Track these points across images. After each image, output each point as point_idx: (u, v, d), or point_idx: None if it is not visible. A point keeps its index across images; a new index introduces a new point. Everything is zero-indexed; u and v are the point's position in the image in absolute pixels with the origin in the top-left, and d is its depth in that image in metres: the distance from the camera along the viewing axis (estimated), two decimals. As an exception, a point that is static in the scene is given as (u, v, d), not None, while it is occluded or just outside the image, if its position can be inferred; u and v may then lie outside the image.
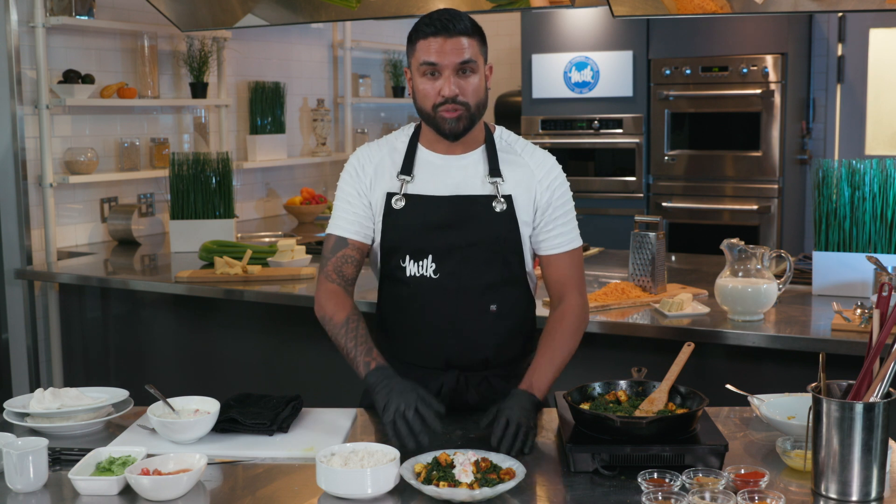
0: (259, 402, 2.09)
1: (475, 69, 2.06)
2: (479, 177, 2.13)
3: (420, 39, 2.06)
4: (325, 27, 5.79)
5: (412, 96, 2.13)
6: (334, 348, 2.12)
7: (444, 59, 2.03)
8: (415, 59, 2.08)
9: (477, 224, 2.10)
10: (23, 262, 4.10)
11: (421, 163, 2.15)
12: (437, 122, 2.07)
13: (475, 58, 2.06)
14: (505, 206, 2.10)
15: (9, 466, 1.73)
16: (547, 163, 2.17)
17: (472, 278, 2.11)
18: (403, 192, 2.12)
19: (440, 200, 2.11)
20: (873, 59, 5.56)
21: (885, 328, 1.67)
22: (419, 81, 2.08)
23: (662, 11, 3.12)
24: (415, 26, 2.08)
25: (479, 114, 2.10)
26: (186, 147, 4.92)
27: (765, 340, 2.63)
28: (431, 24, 2.04)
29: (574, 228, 2.20)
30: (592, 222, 5.34)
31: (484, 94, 2.09)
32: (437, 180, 2.13)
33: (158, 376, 3.80)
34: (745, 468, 1.71)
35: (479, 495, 1.64)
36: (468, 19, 2.07)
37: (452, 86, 2.03)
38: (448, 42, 2.03)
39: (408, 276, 2.13)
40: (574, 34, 5.48)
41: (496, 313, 2.13)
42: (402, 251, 2.13)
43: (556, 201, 2.15)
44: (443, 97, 2.04)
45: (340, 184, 2.19)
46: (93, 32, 4.36)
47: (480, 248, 2.10)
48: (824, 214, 2.99)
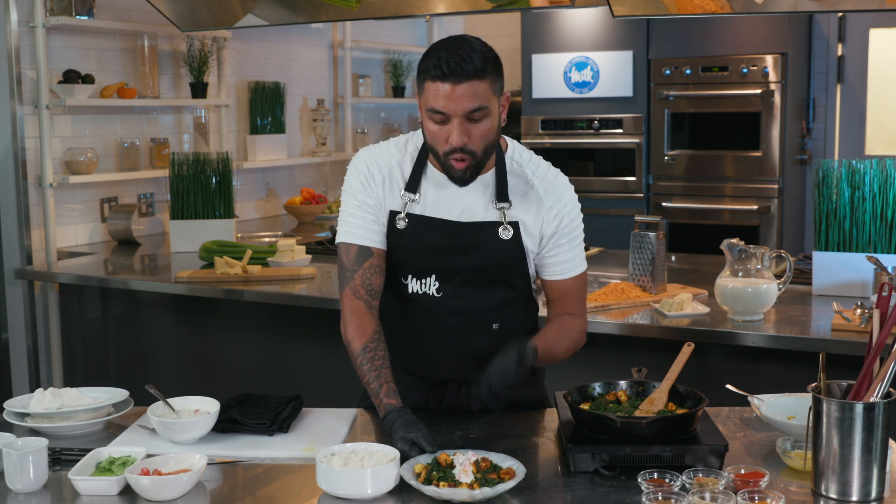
0: (259, 402, 2.09)
1: (486, 114, 1.94)
2: (487, 201, 2.05)
3: (427, 81, 1.93)
4: (325, 27, 5.79)
5: (421, 126, 2.02)
6: (334, 348, 2.12)
7: (451, 108, 1.91)
8: (423, 99, 1.96)
9: (482, 250, 2.05)
10: (23, 262, 4.10)
11: (428, 181, 2.07)
12: (445, 167, 2.00)
13: (486, 102, 1.93)
14: (511, 233, 2.04)
15: (9, 466, 1.73)
16: (558, 189, 2.08)
17: (476, 300, 2.07)
18: (407, 211, 2.05)
19: (445, 225, 2.05)
20: (873, 59, 5.57)
21: (885, 328, 1.67)
22: (428, 122, 1.97)
23: (662, 11, 3.12)
24: (425, 61, 1.94)
25: (488, 156, 2.01)
26: (186, 147, 4.92)
27: (765, 340, 2.63)
28: (439, 68, 1.90)
29: (580, 254, 2.12)
30: (592, 222, 5.30)
31: (494, 136, 1.99)
32: (442, 203, 2.05)
33: (158, 376, 3.80)
34: (745, 468, 1.71)
35: (479, 495, 1.64)
36: (480, 56, 1.91)
37: (461, 135, 1.93)
38: (457, 89, 1.90)
39: (410, 292, 2.09)
40: (574, 34, 5.48)
41: (498, 331, 2.10)
42: (405, 269, 2.09)
43: (564, 229, 2.08)
44: (451, 146, 1.94)
45: (350, 189, 2.09)
46: (93, 32, 4.36)
47: (485, 272, 2.06)
48: (824, 214, 2.99)
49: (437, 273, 2.06)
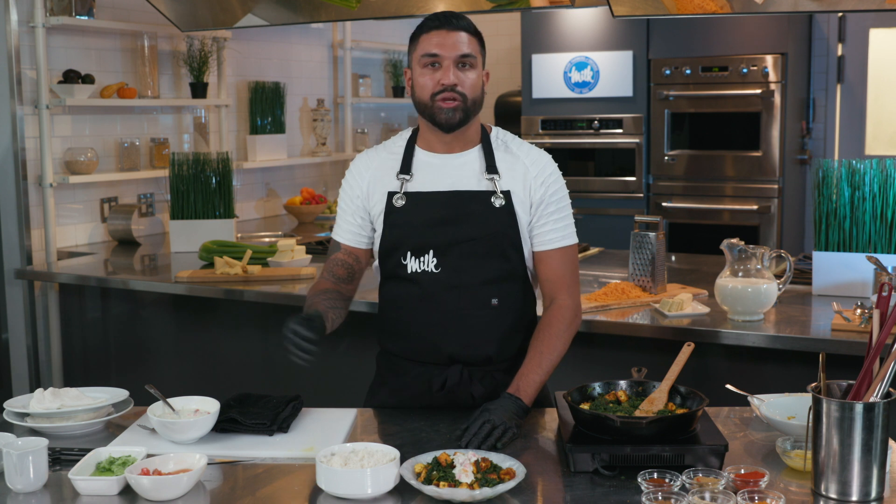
0: (259, 402, 2.09)
1: (474, 65, 2.13)
2: (477, 174, 2.17)
3: (423, 34, 2.13)
4: (325, 27, 5.79)
5: (411, 93, 2.18)
6: (334, 348, 2.12)
7: (445, 51, 2.10)
8: (416, 52, 2.14)
9: (476, 219, 2.14)
10: (23, 262, 4.10)
11: (419, 164, 2.20)
12: (433, 113, 2.13)
13: (475, 54, 2.13)
14: (503, 201, 2.14)
15: (9, 466, 1.73)
16: (542, 160, 2.21)
17: (473, 273, 2.14)
18: (404, 190, 2.17)
19: (439, 196, 2.16)
20: (873, 59, 5.56)
21: (885, 328, 1.67)
22: (419, 74, 2.13)
23: (662, 11, 3.12)
24: (418, 25, 2.16)
25: (475, 110, 2.15)
26: (186, 147, 4.92)
27: (765, 340, 2.63)
28: (435, 19, 2.12)
29: (568, 226, 2.21)
30: (592, 222, 5.35)
31: (480, 92, 2.16)
32: (435, 178, 2.18)
33: (158, 376, 3.80)
34: (745, 468, 1.71)
35: (479, 495, 1.64)
36: (470, 21, 2.15)
37: (452, 76, 2.09)
38: (450, 35, 2.10)
39: (409, 272, 2.16)
40: (574, 34, 5.48)
41: (497, 308, 2.15)
42: (404, 248, 2.16)
43: (550, 197, 2.18)
44: (442, 85, 2.09)
45: (341, 191, 2.28)
46: (93, 32, 4.36)
47: (480, 242, 2.13)
48: (824, 214, 2.99)
49: (434, 248, 2.14)
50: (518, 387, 2.04)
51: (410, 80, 2.18)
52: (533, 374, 2.07)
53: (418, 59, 2.13)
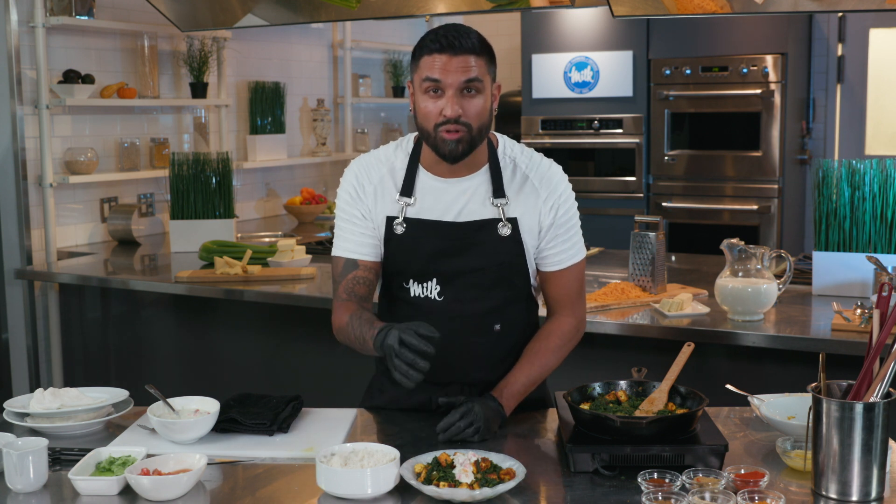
0: (259, 402, 2.09)
1: (480, 89, 1.97)
2: (483, 199, 2.06)
3: (424, 55, 1.96)
4: (325, 27, 5.79)
5: (413, 113, 2.04)
6: (334, 348, 2.12)
7: (447, 77, 1.94)
8: (418, 74, 1.98)
9: (482, 249, 2.05)
10: (23, 262, 4.10)
11: (421, 187, 2.07)
12: (436, 143, 1.99)
13: (481, 77, 1.96)
14: (510, 229, 2.05)
15: (9, 466, 1.73)
16: (552, 180, 2.09)
17: (477, 302, 2.07)
18: (404, 216, 2.06)
19: (443, 226, 2.05)
20: (873, 59, 5.57)
21: (885, 328, 1.67)
22: (421, 99, 1.99)
23: (662, 11, 3.12)
24: (419, 42, 1.99)
25: (481, 137, 2.02)
26: (186, 147, 4.92)
27: (765, 340, 2.63)
28: (437, 41, 1.95)
29: (576, 244, 2.13)
30: (592, 222, 5.30)
31: (488, 117, 2.01)
32: (439, 205, 2.06)
33: (158, 376, 3.81)
34: (745, 468, 1.71)
35: (479, 495, 1.64)
36: (476, 36, 1.98)
37: (455, 105, 1.94)
38: (453, 60, 1.93)
39: (412, 296, 2.09)
40: (574, 34, 5.48)
41: (499, 332, 2.11)
42: (406, 275, 2.09)
43: (560, 219, 2.09)
44: (444, 117, 1.95)
45: (340, 203, 2.12)
46: (93, 32, 4.36)
47: (486, 273, 2.06)
48: (824, 214, 2.99)
49: (438, 276, 2.06)
50: (501, 392, 2.02)
51: (413, 94, 2.02)
52: (518, 385, 2.04)
53: (419, 82, 1.98)
